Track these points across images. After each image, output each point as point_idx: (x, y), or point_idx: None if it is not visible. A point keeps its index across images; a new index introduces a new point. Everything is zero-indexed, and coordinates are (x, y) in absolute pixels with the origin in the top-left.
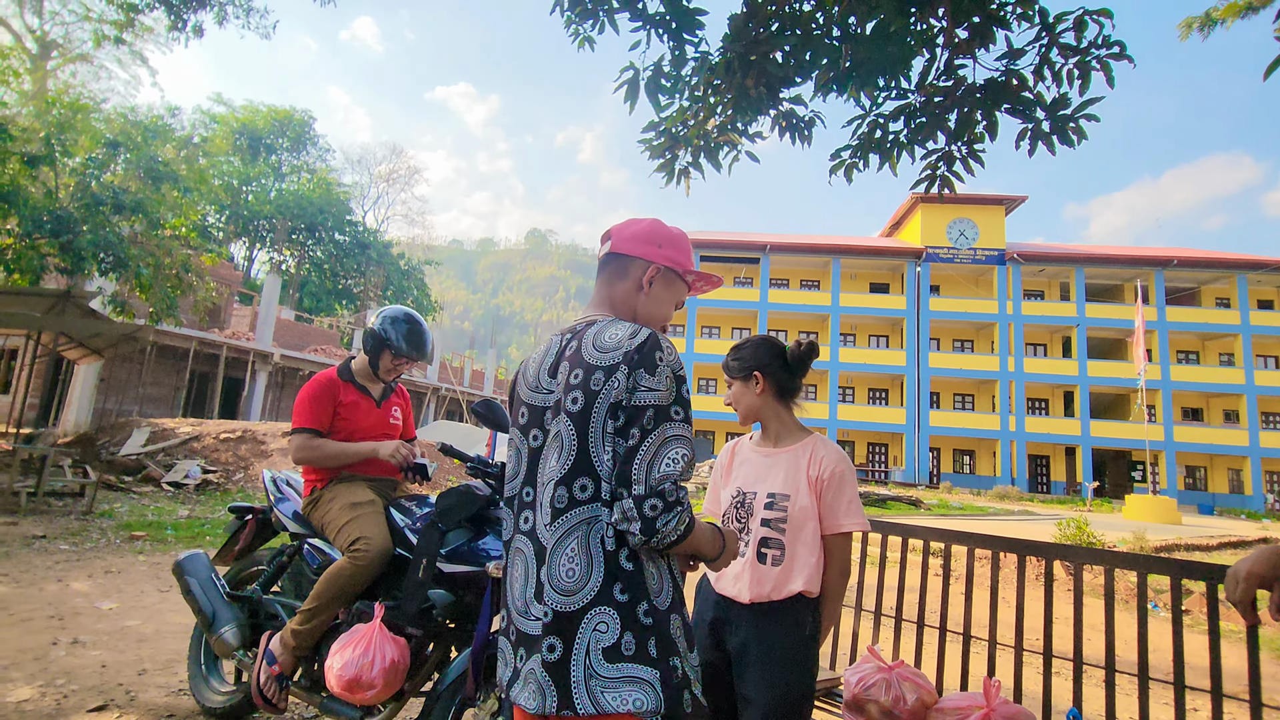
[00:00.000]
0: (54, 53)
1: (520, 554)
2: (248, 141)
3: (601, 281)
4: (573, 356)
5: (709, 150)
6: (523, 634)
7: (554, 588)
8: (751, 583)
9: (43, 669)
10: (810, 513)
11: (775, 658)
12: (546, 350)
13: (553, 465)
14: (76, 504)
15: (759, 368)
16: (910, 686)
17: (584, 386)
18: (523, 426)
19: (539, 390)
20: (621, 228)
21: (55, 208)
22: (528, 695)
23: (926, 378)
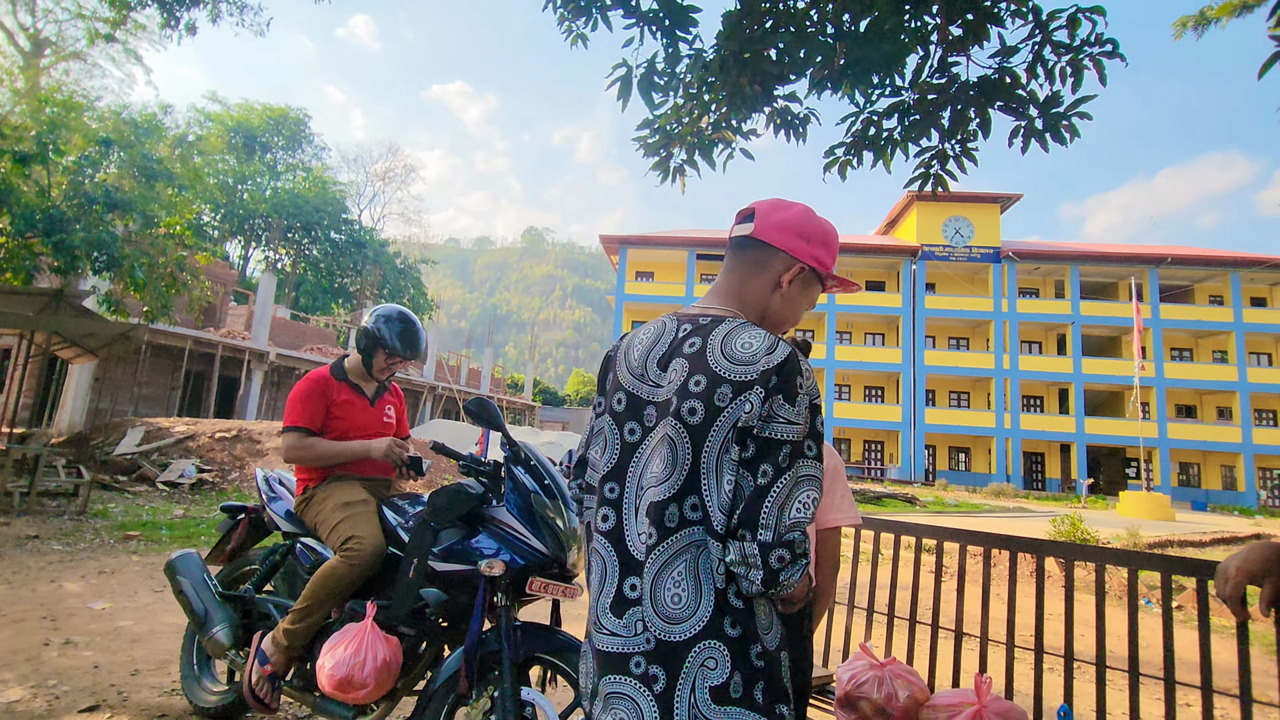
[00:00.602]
0: (47, 50)
1: (598, 556)
2: (243, 140)
3: (733, 268)
4: (694, 357)
5: (703, 148)
6: (598, 649)
7: (658, 613)
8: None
9: (35, 670)
10: None
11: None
12: (657, 335)
13: (658, 473)
14: (70, 504)
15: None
16: (902, 683)
17: (707, 399)
18: (617, 414)
19: (644, 379)
20: (770, 209)
21: (48, 206)
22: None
23: (922, 375)
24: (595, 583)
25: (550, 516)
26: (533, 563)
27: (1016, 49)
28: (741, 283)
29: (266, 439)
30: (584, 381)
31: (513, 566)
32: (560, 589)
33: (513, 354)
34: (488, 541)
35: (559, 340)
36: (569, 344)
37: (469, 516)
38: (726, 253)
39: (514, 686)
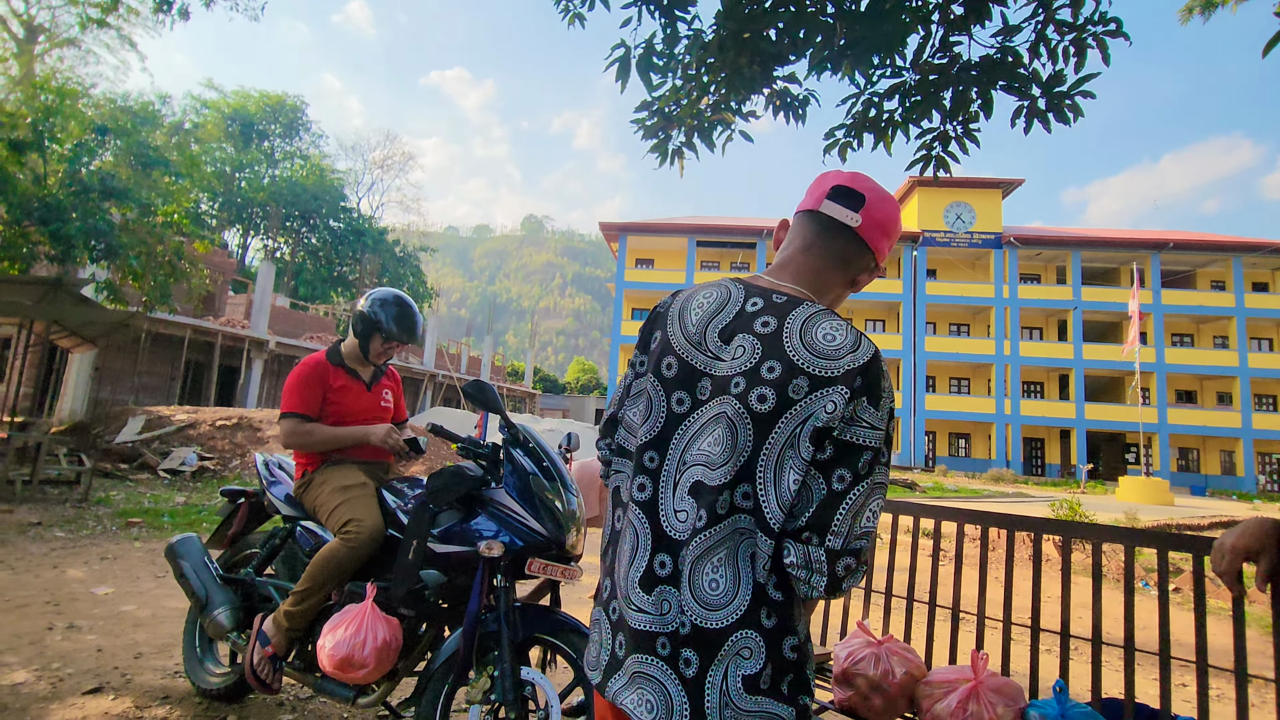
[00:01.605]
0: (41, 37)
1: (632, 528)
2: (240, 128)
3: (819, 252)
4: (768, 339)
5: (702, 130)
6: (629, 625)
7: (696, 599)
8: None
9: (39, 653)
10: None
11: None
12: (720, 302)
13: (712, 455)
14: (72, 492)
15: None
16: (899, 660)
17: (780, 388)
18: (666, 380)
19: (701, 349)
20: (878, 201)
21: (44, 195)
22: (636, 700)
23: (923, 361)
24: (626, 553)
25: (549, 498)
26: (531, 544)
27: (1019, 28)
28: (823, 270)
29: (267, 427)
30: (584, 369)
31: (511, 548)
32: (559, 570)
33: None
34: (486, 523)
35: (559, 328)
36: (569, 332)
37: (468, 499)
38: (809, 227)
39: (513, 666)
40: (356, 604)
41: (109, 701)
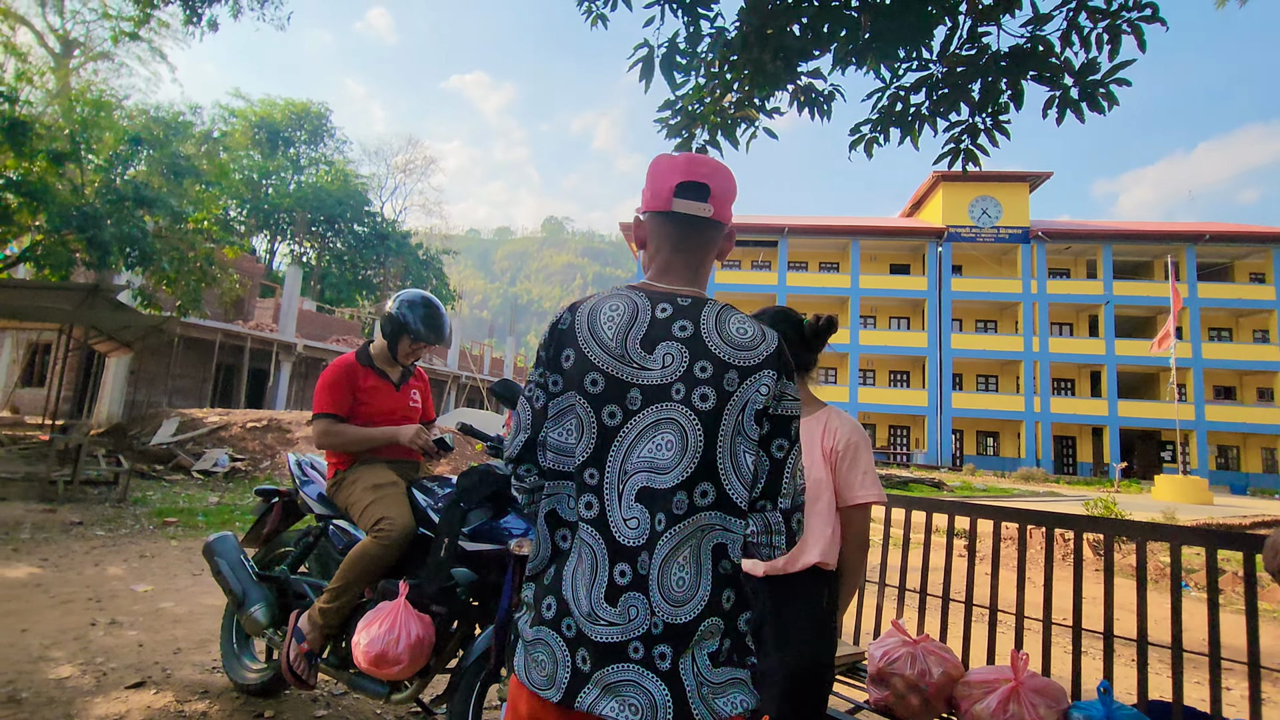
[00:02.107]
0: (76, 51)
1: (588, 547)
2: (266, 135)
3: (691, 248)
4: (690, 341)
5: (726, 127)
6: (596, 643)
7: (665, 598)
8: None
9: (83, 648)
10: (825, 485)
11: (791, 630)
12: (631, 314)
13: (662, 460)
14: (111, 492)
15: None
16: (935, 660)
17: (717, 384)
18: (593, 396)
19: (625, 361)
20: (722, 186)
21: (81, 204)
22: (617, 706)
23: (949, 359)
24: (585, 572)
25: None
26: None
27: (1050, 16)
28: (701, 262)
29: (296, 428)
30: None
31: None
32: None
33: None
34: (516, 521)
35: None
36: None
37: (497, 497)
38: (669, 227)
39: None
40: (389, 601)
41: (151, 696)
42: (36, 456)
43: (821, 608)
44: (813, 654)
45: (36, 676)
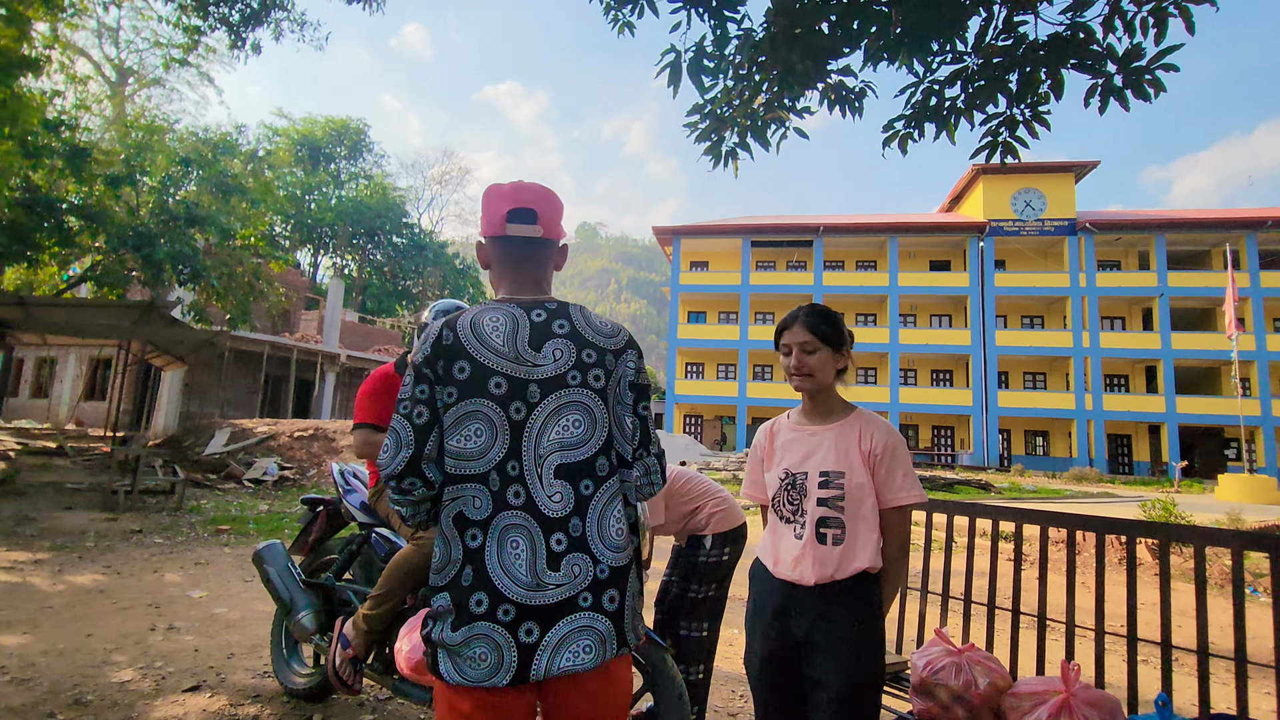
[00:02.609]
0: (130, 79)
1: (520, 529)
2: (308, 152)
3: (533, 265)
4: (570, 336)
5: (756, 129)
6: (543, 607)
7: (606, 545)
8: (815, 564)
9: (143, 652)
10: (867, 489)
11: (846, 638)
12: (513, 322)
13: (574, 437)
14: (168, 501)
15: (847, 339)
16: (982, 670)
17: (601, 365)
18: (499, 397)
19: (519, 361)
20: (548, 209)
21: (137, 224)
22: (574, 655)
23: (994, 357)
24: (523, 553)
25: None
26: None
27: (1091, 1)
28: (542, 276)
29: (341, 437)
30: None
31: None
32: None
33: None
34: None
35: None
36: None
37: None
38: (507, 249)
39: None
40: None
41: (206, 699)
42: (99, 467)
43: (875, 613)
44: (871, 659)
45: (100, 679)
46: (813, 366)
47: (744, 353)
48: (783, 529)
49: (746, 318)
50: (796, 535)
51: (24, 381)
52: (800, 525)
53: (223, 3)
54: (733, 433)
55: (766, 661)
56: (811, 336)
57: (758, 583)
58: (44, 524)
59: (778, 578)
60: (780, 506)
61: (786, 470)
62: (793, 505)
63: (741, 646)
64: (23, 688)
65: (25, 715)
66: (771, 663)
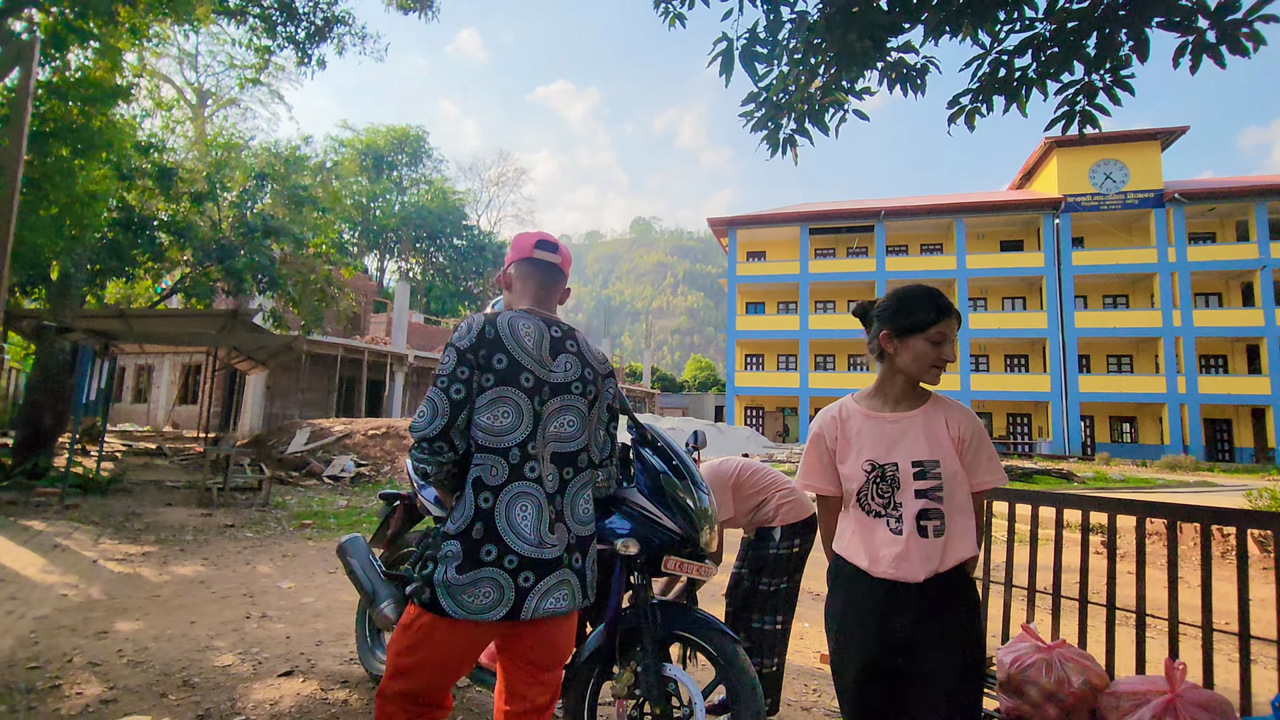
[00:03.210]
0: (209, 100)
1: (530, 497)
2: (372, 161)
3: (550, 288)
4: (577, 354)
5: (814, 114)
6: (541, 561)
7: (578, 520)
8: (921, 560)
9: (240, 639)
10: (961, 477)
11: (954, 631)
12: (540, 332)
13: (569, 432)
14: (256, 497)
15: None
16: (1075, 668)
17: (593, 383)
18: (526, 389)
19: (542, 365)
20: (565, 250)
21: (219, 237)
22: (555, 600)
23: (1073, 339)
24: (530, 516)
25: (681, 497)
26: (666, 542)
27: None
28: (554, 300)
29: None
30: (700, 366)
31: (647, 546)
32: (695, 567)
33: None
34: (621, 522)
35: (673, 327)
36: (683, 330)
37: (603, 499)
38: (535, 269)
39: (656, 663)
40: None
41: (299, 684)
42: (194, 466)
43: (977, 603)
44: (980, 652)
45: (204, 664)
46: (908, 355)
47: (804, 343)
48: (872, 524)
49: (806, 307)
50: (893, 530)
51: (126, 388)
52: (894, 519)
53: (289, 22)
54: (795, 424)
55: (864, 669)
56: (943, 319)
57: (847, 584)
58: (149, 519)
59: (876, 576)
60: (868, 500)
61: (871, 461)
62: (883, 498)
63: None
64: (138, 670)
65: (142, 695)
66: (870, 669)
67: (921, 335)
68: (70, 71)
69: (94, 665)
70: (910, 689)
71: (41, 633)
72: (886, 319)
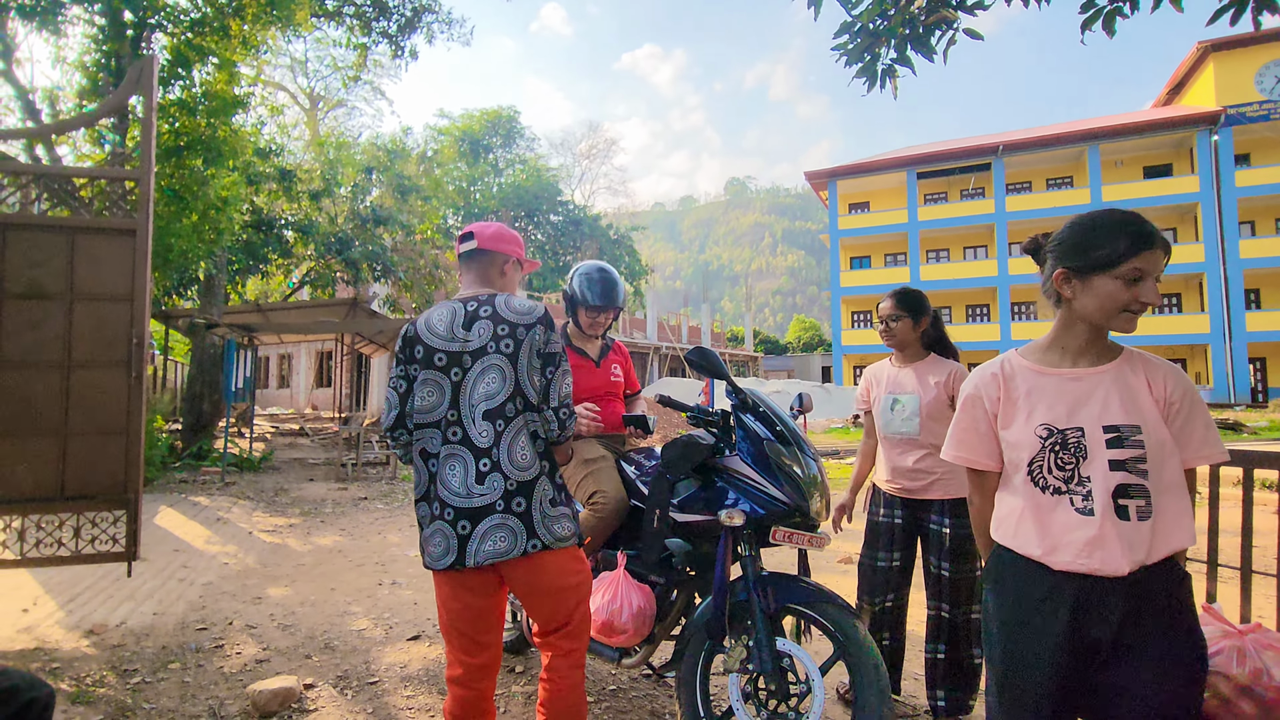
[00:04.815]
0: (319, 103)
1: (457, 458)
2: (469, 146)
3: (476, 269)
4: (493, 316)
5: (917, 38)
6: (471, 509)
7: (514, 466)
8: (1122, 548)
9: (374, 605)
10: (1170, 447)
11: (1172, 636)
12: (452, 314)
13: (492, 390)
14: (384, 471)
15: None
16: (1275, 657)
17: (513, 337)
18: (441, 367)
19: (454, 340)
20: (485, 230)
21: (336, 231)
22: (492, 545)
23: (1237, 272)
24: (459, 473)
25: (787, 464)
26: (773, 512)
27: None
28: (487, 278)
29: None
30: (804, 327)
31: (753, 516)
32: (805, 538)
33: (729, 308)
34: (726, 491)
35: (774, 289)
36: (785, 291)
37: (704, 467)
38: (469, 261)
39: (768, 637)
40: (610, 571)
41: (425, 648)
42: (330, 444)
43: (1193, 603)
44: (1200, 666)
45: (343, 627)
46: (1088, 299)
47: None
48: (1050, 503)
49: (917, 257)
50: (1080, 510)
51: (271, 375)
52: (1082, 496)
53: (382, 16)
54: None
55: (1046, 688)
56: (1165, 262)
57: (1016, 582)
58: (294, 493)
59: (1060, 570)
60: (1044, 473)
61: (1048, 426)
62: (1064, 470)
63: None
64: (287, 632)
65: (290, 656)
66: (1054, 689)
67: (1109, 273)
68: (196, 88)
69: (250, 628)
70: (1108, 710)
71: (208, 597)
72: (1063, 255)
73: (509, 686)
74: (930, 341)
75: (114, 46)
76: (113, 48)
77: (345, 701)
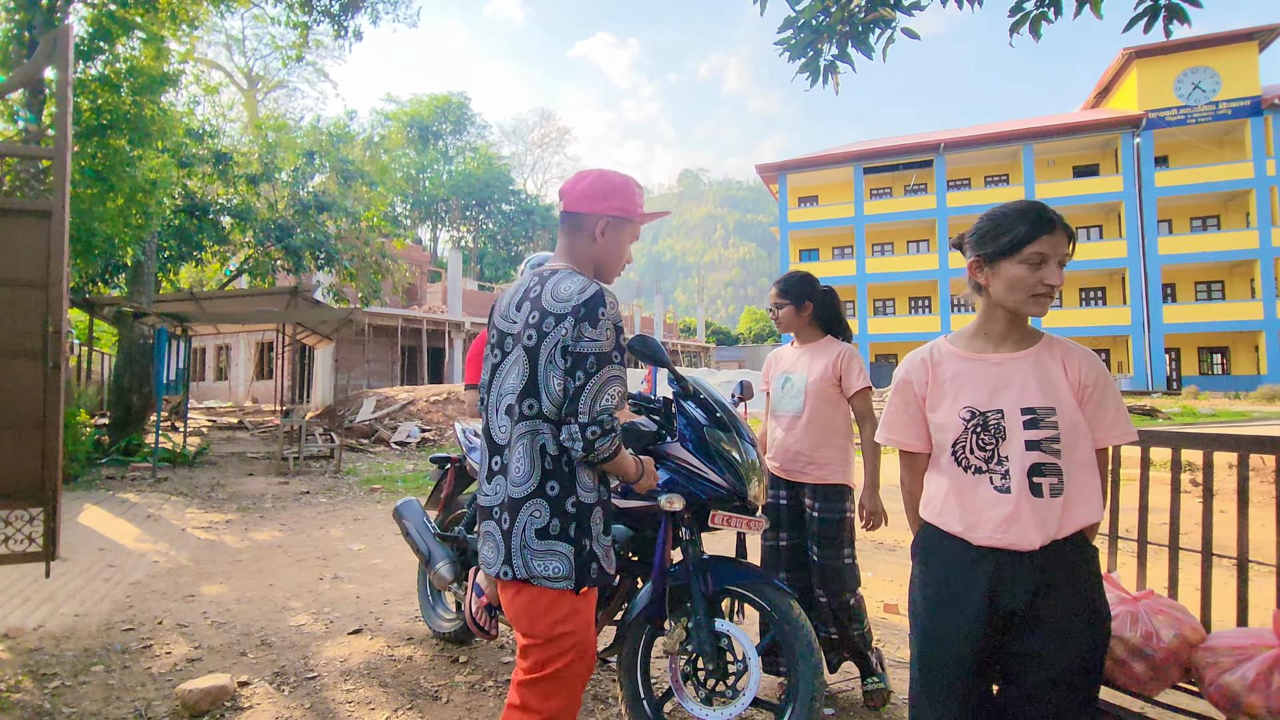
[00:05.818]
0: (258, 84)
1: (483, 450)
2: (418, 133)
3: (571, 234)
4: (535, 300)
5: (857, 36)
6: (483, 508)
7: (510, 479)
8: (1034, 523)
9: (314, 599)
10: (1083, 428)
11: (1074, 609)
12: (520, 287)
13: (512, 383)
14: (328, 465)
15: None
16: (1165, 620)
17: (539, 327)
18: (493, 346)
19: (506, 319)
20: (573, 185)
21: (276, 217)
22: (484, 551)
23: (1156, 267)
24: (483, 464)
25: (726, 449)
26: (712, 496)
27: None
28: (572, 247)
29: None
30: (755, 318)
31: (692, 501)
32: (743, 521)
33: (682, 299)
34: (665, 477)
35: (726, 280)
36: (736, 282)
37: (644, 454)
38: (560, 225)
39: (707, 618)
40: None
41: (367, 641)
42: (271, 438)
43: (1100, 577)
44: (1102, 635)
45: (281, 623)
46: (1008, 282)
47: (862, 288)
48: (971, 482)
49: (863, 250)
50: (998, 488)
51: (208, 367)
52: (1000, 475)
53: None
54: None
55: (964, 653)
56: (1070, 248)
57: (941, 556)
58: (231, 489)
59: (979, 545)
60: (966, 453)
61: (971, 408)
62: (985, 451)
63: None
64: (221, 630)
65: (224, 654)
66: (971, 654)
67: (1014, 258)
68: (119, 63)
69: (181, 627)
70: (1017, 675)
71: (135, 597)
72: (975, 244)
73: (452, 676)
74: (825, 324)
75: (26, 16)
76: (25, 18)
77: (282, 697)
